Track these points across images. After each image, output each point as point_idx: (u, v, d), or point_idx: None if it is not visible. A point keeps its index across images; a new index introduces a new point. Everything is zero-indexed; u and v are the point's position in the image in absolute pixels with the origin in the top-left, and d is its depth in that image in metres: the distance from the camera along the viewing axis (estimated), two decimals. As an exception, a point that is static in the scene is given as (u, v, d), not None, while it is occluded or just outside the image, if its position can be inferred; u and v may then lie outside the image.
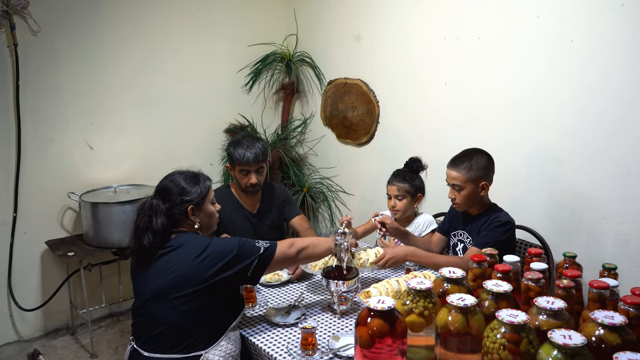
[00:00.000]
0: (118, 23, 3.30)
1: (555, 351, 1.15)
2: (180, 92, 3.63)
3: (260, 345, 1.72)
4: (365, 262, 2.18)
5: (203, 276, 1.66)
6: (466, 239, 2.32)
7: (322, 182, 4.00)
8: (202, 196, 1.81)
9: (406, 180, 2.54)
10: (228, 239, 1.80)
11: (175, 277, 1.67)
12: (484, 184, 2.21)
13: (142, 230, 1.72)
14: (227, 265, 1.69)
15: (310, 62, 3.97)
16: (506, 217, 2.22)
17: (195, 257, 1.68)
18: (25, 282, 3.18)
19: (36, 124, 3.09)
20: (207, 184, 1.86)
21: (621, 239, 2.39)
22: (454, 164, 2.24)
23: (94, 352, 3.07)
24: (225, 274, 1.68)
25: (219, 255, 1.69)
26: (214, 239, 1.78)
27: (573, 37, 2.43)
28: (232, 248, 1.72)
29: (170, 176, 1.85)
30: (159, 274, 1.70)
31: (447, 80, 3.03)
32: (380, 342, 1.36)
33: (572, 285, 1.51)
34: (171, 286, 1.66)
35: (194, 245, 1.72)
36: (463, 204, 2.25)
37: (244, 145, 2.51)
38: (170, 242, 1.74)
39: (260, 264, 1.75)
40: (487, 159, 2.24)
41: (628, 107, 2.29)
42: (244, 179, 2.53)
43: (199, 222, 1.82)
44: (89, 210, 3.01)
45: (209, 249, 1.70)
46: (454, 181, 2.22)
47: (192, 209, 1.79)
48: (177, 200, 1.77)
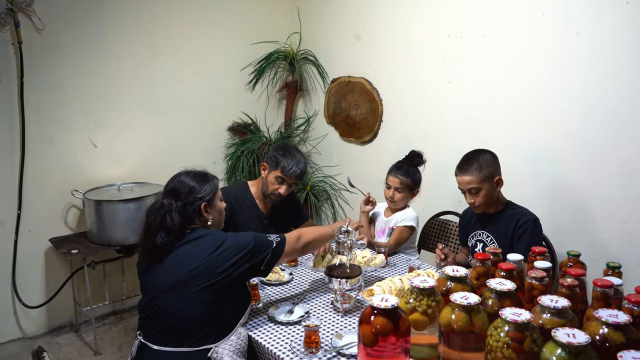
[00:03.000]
0: (122, 21, 3.31)
1: (559, 350, 1.14)
2: (184, 89, 3.64)
3: (264, 344, 1.72)
4: (369, 261, 2.19)
5: (220, 268, 1.70)
6: (486, 238, 2.31)
7: (325, 180, 4.00)
8: (213, 193, 1.86)
9: (408, 174, 2.56)
10: (243, 234, 1.83)
11: (193, 269, 1.70)
12: (498, 179, 2.23)
13: (155, 230, 1.74)
14: (244, 258, 1.74)
15: (313, 60, 3.97)
16: (531, 214, 2.23)
17: (213, 250, 1.72)
18: (29, 280, 3.19)
19: (40, 122, 3.10)
20: (216, 182, 1.91)
21: (625, 237, 2.38)
22: (462, 169, 2.23)
23: (97, 349, 3.08)
24: (242, 267, 1.74)
25: (236, 248, 1.74)
26: (230, 233, 1.81)
27: (577, 36, 2.42)
28: (249, 242, 1.78)
29: (177, 177, 1.87)
30: (176, 266, 1.72)
31: (450, 78, 3.02)
32: (383, 340, 1.36)
33: (576, 284, 1.50)
34: (188, 278, 1.69)
35: (212, 239, 1.76)
36: (484, 204, 2.24)
37: (296, 158, 2.49)
38: (186, 237, 1.77)
39: (273, 257, 1.82)
40: (491, 155, 2.25)
41: (632, 106, 2.28)
42: (275, 186, 2.50)
43: (211, 219, 1.86)
44: (93, 208, 3.02)
45: (226, 242, 1.75)
46: (469, 185, 2.21)
47: (205, 206, 1.82)
48: (190, 199, 1.80)
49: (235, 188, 2.65)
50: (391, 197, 2.60)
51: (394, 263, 2.44)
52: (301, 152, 2.60)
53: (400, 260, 2.48)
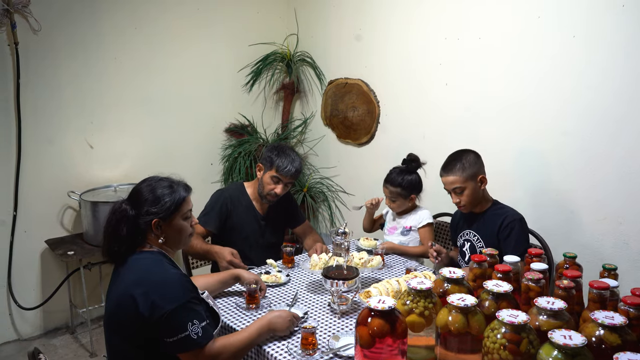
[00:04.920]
0: (118, 22, 3.30)
1: (556, 351, 1.15)
2: (181, 91, 3.63)
3: (261, 345, 1.71)
4: (366, 262, 2.19)
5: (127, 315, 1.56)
6: (473, 237, 2.33)
7: (322, 182, 4.00)
8: (171, 211, 1.67)
9: (397, 183, 2.57)
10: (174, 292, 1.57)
11: (109, 305, 1.64)
12: (481, 178, 2.26)
13: (109, 236, 1.67)
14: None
15: (310, 62, 3.97)
16: (516, 213, 2.25)
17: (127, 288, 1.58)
18: (25, 281, 3.18)
19: (36, 123, 3.09)
20: (181, 197, 1.70)
21: (621, 239, 2.39)
22: (446, 170, 2.28)
23: (93, 351, 3.07)
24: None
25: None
26: (170, 277, 1.60)
27: (573, 38, 2.43)
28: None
29: (148, 180, 1.73)
30: (111, 292, 1.65)
31: (447, 80, 3.03)
32: (380, 342, 1.36)
33: (572, 286, 1.51)
34: (108, 315, 1.65)
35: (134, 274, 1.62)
36: (469, 203, 2.27)
37: (290, 157, 2.48)
38: (131, 258, 1.64)
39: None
40: (474, 154, 2.29)
41: (628, 108, 2.29)
42: (271, 186, 2.49)
43: (163, 237, 1.68)
44: (89, 209, 3.01)
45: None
46: (453, 185, 2.25)
47: (156, 222, 1.65)
48: (144, 211, 1.64)
49: (232, 189, 2.64)
50: (388, 205, 2.66)
51: (391, 265, 2.44)
52: (296, 151, 2.59)
53: (397, 262, 2.49)
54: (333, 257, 2.06)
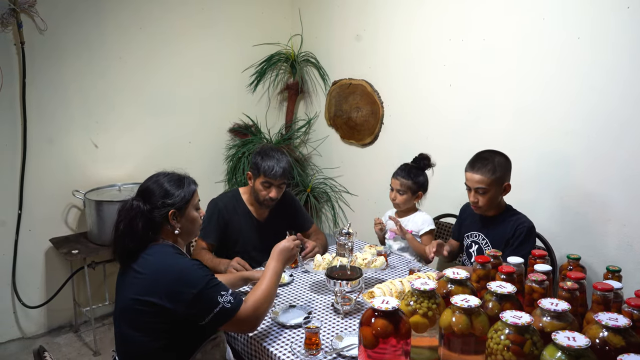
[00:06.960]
0: (123, 22, 3.32)
1: (559, 353, 1.15)
2: (185, 91, 3.64)
3: (265, 345, 1.72)
4: (369, 263, 2.19)
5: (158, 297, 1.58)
6: (482, 241, 2.31)
7: (325, 182, 4.00)
8: (186, 200, 1.72)
9: (410, 176, 2.56)
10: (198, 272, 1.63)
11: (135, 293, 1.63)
12: (506, 185, 2.21)
13: (122, 234, 1.66)
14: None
15: (314, 62, 3.98)
16: (528, 222, 2.22)
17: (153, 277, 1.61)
18: (29, 280, 3.20)
19: (41, 122, 3.10)
20: (192, 188, 1.77)
21: (625, 241, 2.38)
22: (475, 167, 2.20)
23: (97, 349, 3.08)
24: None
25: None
26: (185, 265, 1.64)
27: (578, 40, 2.42)
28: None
29: (154, 177, 1.76)
30: (126, 287, 1.66)
31: (451, 81, 3.03)
32: (384, 342, 1.36)
33: (575, 287, 1.51)
34: (120, 310, 1.66)
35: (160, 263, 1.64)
36: (486, 206, 2.22)
37: (274, 158, 2.40)
38: (144, 254, 1.66)
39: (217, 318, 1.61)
40: (505, 158, 2.23)
41: (633, 110, 2.28)
42: (264, 192, 2.43)
43: (179, 228, 1.72)
44: (94, 208, 3.02)
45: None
46: (478, 185, 2.17)
47: (172, 213, 1.69)
48: (159, 203, 1.67)
49: (226, 199, 2.57)
50: (393, 199, 2.62)
51: (395, 265, 2.44)
52: (281, 150, 2.50)
53: (401, 262, 2.49)
54: (337, 258, 2.06)
